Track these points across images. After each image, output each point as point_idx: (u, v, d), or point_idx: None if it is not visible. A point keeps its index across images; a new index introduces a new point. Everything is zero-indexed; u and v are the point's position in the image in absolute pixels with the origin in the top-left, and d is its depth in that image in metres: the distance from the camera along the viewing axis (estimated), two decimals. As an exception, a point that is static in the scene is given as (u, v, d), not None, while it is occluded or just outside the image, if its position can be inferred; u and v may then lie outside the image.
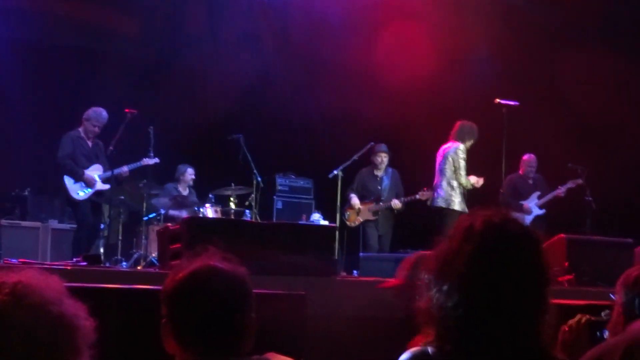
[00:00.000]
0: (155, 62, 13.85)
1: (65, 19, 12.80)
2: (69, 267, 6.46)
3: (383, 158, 12.12)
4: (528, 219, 11.54)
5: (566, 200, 12.03)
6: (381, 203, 12.01)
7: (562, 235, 8.98)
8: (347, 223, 12.02)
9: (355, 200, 12.03)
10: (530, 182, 12.02)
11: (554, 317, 2.18)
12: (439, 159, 11.07)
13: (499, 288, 2.09)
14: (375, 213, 12.02)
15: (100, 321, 1.99)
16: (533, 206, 11.77)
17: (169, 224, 8.96)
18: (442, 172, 10.96)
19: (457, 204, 10.87)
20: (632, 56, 12.73)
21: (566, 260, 8.61)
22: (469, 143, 10.95)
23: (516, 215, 8.97)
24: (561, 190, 11.90)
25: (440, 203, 10.92)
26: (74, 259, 8.38)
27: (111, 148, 10.76)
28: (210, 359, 2.59)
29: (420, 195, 11.60)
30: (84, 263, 7.67)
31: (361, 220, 12.03)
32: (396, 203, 11.87)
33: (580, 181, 11.93)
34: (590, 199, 11.90)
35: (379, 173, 12.18)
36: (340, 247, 11.95)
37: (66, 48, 13.05)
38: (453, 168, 10.85)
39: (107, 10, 13.08)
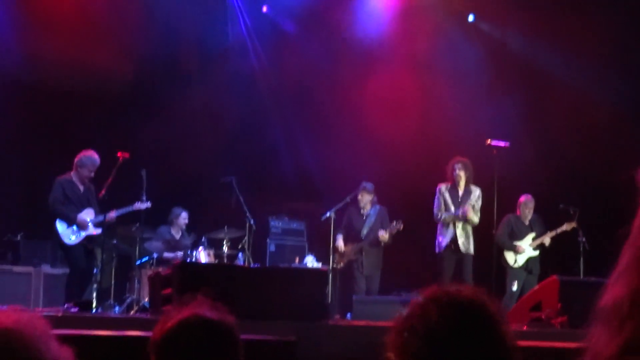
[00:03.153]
0: (148, 104, 13.86)
1: (58, 61, 12.80)
2: (59, 314, 6.41)
3: (364, 196, 12.15)
4: (521, 260, 11.62)
5: (559, 241, 12.03)
6: (363, 241, 12.03)
7: (555, 276, 8.97)
8: (334, 265, 12.01)
9: (339, 242, 12.07)
10: (527, 223, 12.02)
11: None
12: None
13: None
14: (357, 252, 12.01)
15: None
16: (527, 247, 11.78)
17: (160, 269, 8.91)
18: None
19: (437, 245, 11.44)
20: (619, 96, 12.82)
21: (559, 302, 8.58)
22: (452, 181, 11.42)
23: (508, 255, 9.05)
24: (545, 238, 11.90)
25: None
26: (65, 305, 8.33)
27: (103, 192, 10.74)
28: (198, 410, 2.58)
29: (391, 229, 11.86)
30: (75, 309, 7.63)
31: (345, 261, 12.03)
32: (382, 234, 11.88)
33: (575, 224, 11.92)
34: (583, 239, 11.88)
35: (364, 211, 12.21)
36: (333, 289, 11.96)
37: (58, 90, 13.03)
38: None
39: (102, 53, 13.08)
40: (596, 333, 1.22)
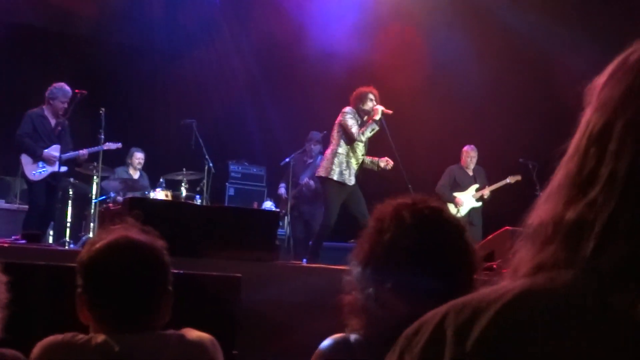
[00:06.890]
0: (109, 43, 13.69)
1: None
2: (6, 245, 6.35)
3: (313, 145, 12.16)
4: (463, 211, 11.62)
5: (517, 194, 12.07)
6: (300, 187, 12.19)
7: (507, 227, 9.01)
8: (281, 212, 12.04)
9: (281, 189, 12.31)
10: (471, 173, 12.02)
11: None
12: None
13: (431, 276, 2.11)
14: (295, 197, 12.17)
15: (26, 296, 1.96)
16: (468, 198, 11.78)
17: (111, 204, 8.83)
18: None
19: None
20: (587, 59, 12.82)
21: (510, 253, 8.62)
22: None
23: (450, 205, 8.88)
24: (484, 191, 11.90)
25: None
26: (13, 237, 8.23)
27: (59, 129, 10.62)
28: (123, 331, 2.57)
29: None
30: (23, 241, 7.55)
31: (287, 207, 12.17)
32: (306, 181, 12.03)
33: (519, 177, 11.93)
34: (540, 194, 11.93)
35: (309, 160, 12.28)
36: (292, 234, 12.01)
37: (17, 24, 12.81)
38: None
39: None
40: (520, 249, 1.23)
